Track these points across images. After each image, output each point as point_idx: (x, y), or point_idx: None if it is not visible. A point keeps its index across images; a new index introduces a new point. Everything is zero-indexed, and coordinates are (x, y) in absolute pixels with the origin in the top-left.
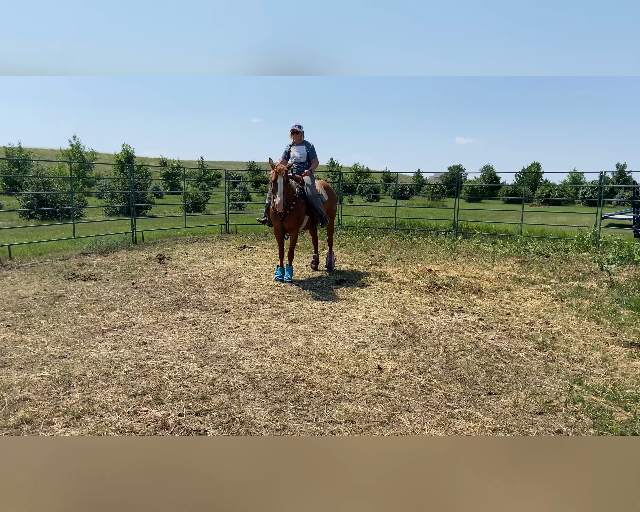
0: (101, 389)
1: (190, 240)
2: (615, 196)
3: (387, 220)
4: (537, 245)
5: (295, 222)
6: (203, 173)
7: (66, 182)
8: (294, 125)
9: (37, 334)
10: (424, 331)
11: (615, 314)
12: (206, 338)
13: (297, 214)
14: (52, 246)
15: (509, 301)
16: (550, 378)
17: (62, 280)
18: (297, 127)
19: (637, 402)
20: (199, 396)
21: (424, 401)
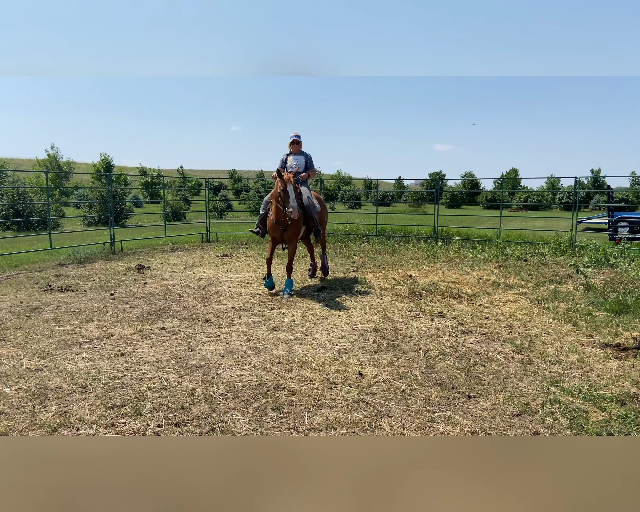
0: (78, 401)
1: (170, 250)
2: (591, 201)
3: (369, 227)
4: (515, 249)
5: (295, 232)
6: (183, 182)
7: (43, 192)
8: (294, 136)
9: (13, 347)
10: (404, 336)
11: (591, 317)
12: (186, 348)
13: (298, 224)
14: (28, 257)
15: (487, 305)
16: (527, 380)
17: (39, 292)
18: (297, 137)
19: (612, 403)
20: (178, 406)
21: (404, 405)
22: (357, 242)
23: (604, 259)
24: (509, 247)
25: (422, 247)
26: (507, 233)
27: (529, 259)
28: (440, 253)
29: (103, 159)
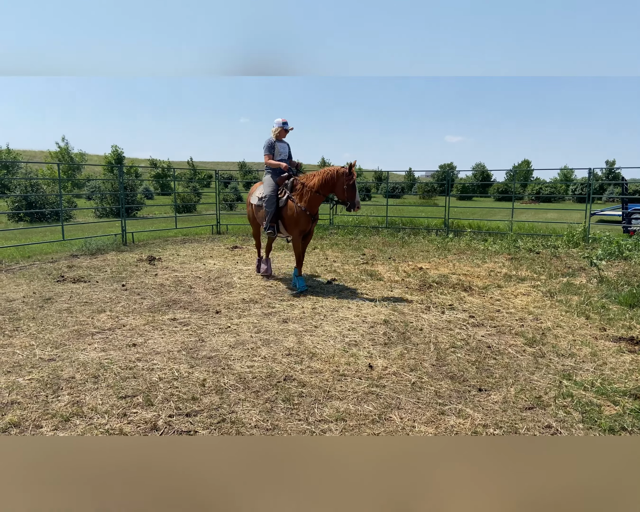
0: (90, 391)
1: (181, 241)
2: (605, 193)
3: (379, 219)
4: (528, 242)
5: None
6: (194, 173)
7: (55, 184)
8: (286, 123)
9: (26, 337)
10: (414, 329)
11: (604, 310)
12: (197, 339)
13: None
14: (41, 248)
15: (499, 298)
16: (539, 374)
17: (51, 282)
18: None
19: (626, 397)
20: (189, 397)
21: (414, 398)
22: (367, 235)
23: (618, 251)
24: (520, 240)
25: (433, 240)
26: (519, 225)
27: (541, 252)
28: (451, 245)
29: (114, 151)
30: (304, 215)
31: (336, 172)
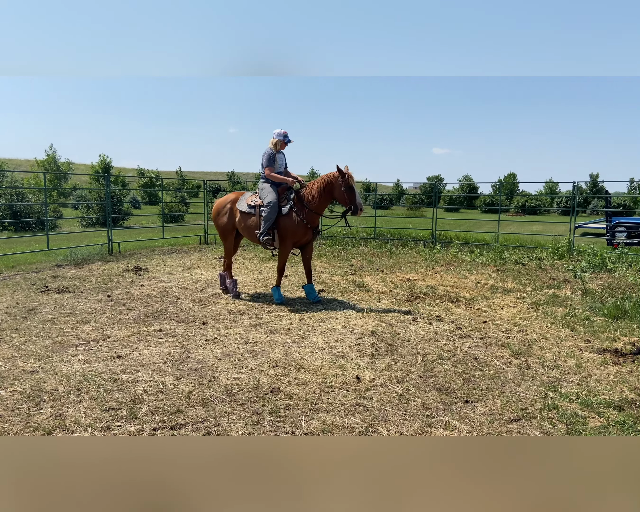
0: (73, 404)
1: (168, 252)
2: (589, 206)
3: (367, 230)
4: (513, 254)
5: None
6: (182, 183)
7: (41, 193)
8: (287, 136)
9: (8, 348)
10: (402, 340)
11: (588, 321)
12: (183, 350)
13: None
14: (26, 258)
15: (485, 309)
16: (525, 385)
17: (35, 293)
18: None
19: (610, 408)
20: (174, 409)
21: (401, 410)
22: (356, 245)
23: (602, 264)
24: (507, 251)
25: (421, 251)
26: (505, 237)
27: (527, 264)
28: (438, 257)
29: (102, 160)
30: (303, 227)
31: (332, 176)
